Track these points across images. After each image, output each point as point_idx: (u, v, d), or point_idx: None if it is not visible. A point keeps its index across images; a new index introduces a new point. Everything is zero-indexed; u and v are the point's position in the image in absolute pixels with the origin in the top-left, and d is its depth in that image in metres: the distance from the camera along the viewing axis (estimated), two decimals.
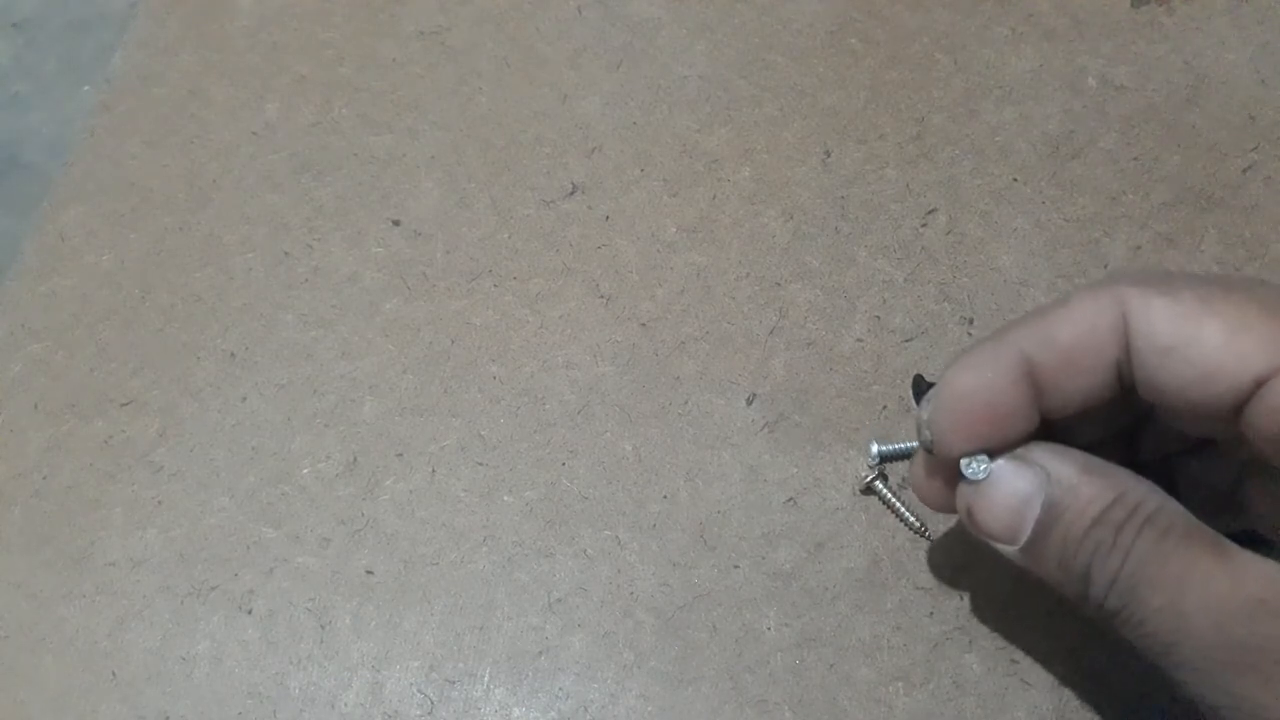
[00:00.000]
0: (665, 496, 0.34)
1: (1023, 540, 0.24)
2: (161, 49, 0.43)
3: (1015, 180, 0.38)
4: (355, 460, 0.35)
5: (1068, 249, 0.37)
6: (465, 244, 0.38)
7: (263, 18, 0.44)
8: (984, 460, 0.25)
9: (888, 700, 0.30)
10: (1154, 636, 0.22)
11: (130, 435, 0.35)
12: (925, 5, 0.42)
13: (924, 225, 0.38)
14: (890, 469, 0.33)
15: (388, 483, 0.34)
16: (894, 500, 0.33)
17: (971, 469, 0.25)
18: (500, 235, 0.38)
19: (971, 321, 0.36)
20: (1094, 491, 0.23)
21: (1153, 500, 0.23)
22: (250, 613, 0.32)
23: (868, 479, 0.33)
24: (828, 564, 0.32)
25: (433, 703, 0.31)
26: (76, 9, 0.46)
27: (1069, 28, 0.41)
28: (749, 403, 0.35)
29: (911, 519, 0.32)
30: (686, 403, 0.35)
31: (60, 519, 0.34)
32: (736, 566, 0.32)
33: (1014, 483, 0.24)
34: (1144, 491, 0.23)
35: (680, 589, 0.32)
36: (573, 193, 0.39)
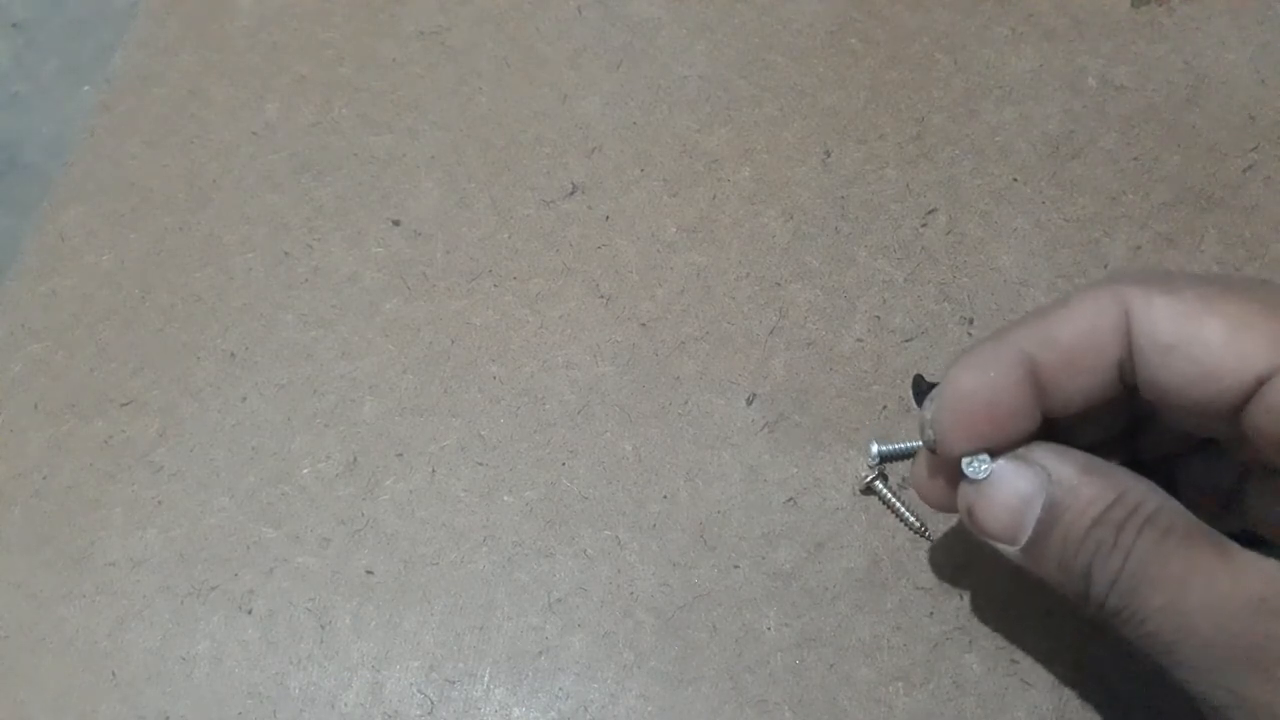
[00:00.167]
0: (665, 496, 0.34)
1: (1023, 540, 0.24)
2: (161, 49, 0.43)
3: (1015, 180, 0.38)
4: (355, 460, 0.35)
5: (1068, 249, 0.37)
6: (465, 244, 0.38)
7: (263, 18, 0.44)
8: (985, 460, 0.25)
9: (888, 700, 0.30)
10: (1155, 636, 0.22)
11: (130, 435, 0.35)
12: (925, 5, 0.42)
13: (924, 225, 0.38)
14: (890, 469, 0.33)
15: (388, 483, 0.34)
16: (894, 500, 0.33)
17: (973, 468, 0.25)
18: (500, 235, 0.38)
19: (971, 321, 0.36)
20: (1095, 491, 0.23)
21: (1153, 500, 0.23)
22: (250, 613, 0.32)
23: (868, 479, 0.33)
24: (828, 564, 0.32)
25: (433, 703, 0.31)
26: (76, 9, 0.46)
27: (1069, 28, 0.41)
28: (749, 403, 0.35)
29: (911, 519, 0.32)
30: (686, 403, 0.35)
31: (60, 519, 0.34)
32: (736, 566, 0.32)
33: (1015, 483, 0.24)
34: (1144, 491, 0.23)
35: (680, 589, 0.32)
36: (573, 193, 0.39)
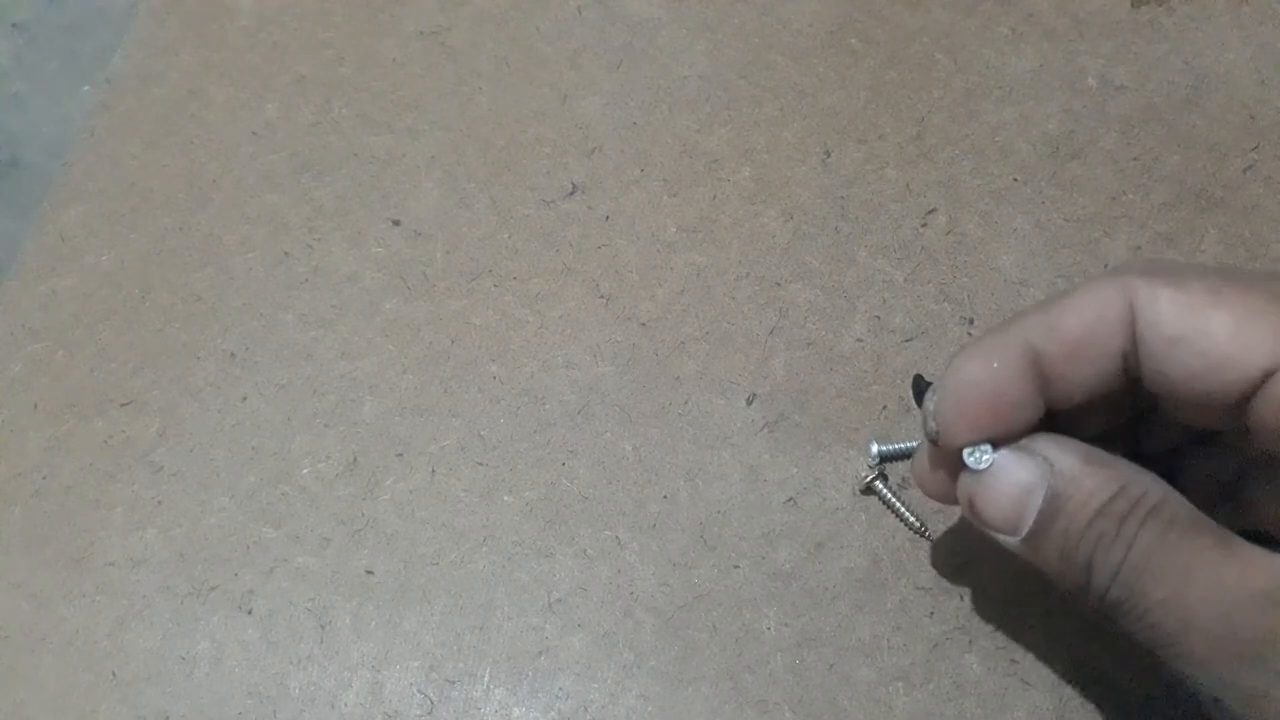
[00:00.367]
0: (665, 496, 0.34)
1: (1024, 531, 0.24)
2: (161, 49, 0.43)
3: (1015, 180, 0.38)
4: (355, 460, 0.35)
5: (1068, 249, 0.37)
6: (465, 244, 0.38)
7: (263, 18, 0.44)
8: (987, 450, 0.25)
9: (888, 700, 0.30)
10: (1158, 629, 0.22)
11: (130, 435, 0.35)
12: (925, 5, 0.42)
13: (924, 225, 0.38)
14: (890, 469, 0.33)
15: (388, 483, 0.34)
16: (894, 500, 0.33)
17: (974, 458, 0.25)
18: (500, 235, 0.38)
19: (971, 321, 0.36)
20: (1097, 483, 0.23)
21: (1156, 492, 0.23)
22: (250, 613, 0.32)
23: (868, 479, 0.33)
24: (828, 564, 0.32)
25: (433, 703, 0.31)
26: (76, 9, 0.46)
27: (1069, 28, 0.41)
28: (749, 403, 0.35)
29: (911, 519, 0.32)
30: (686, 403, 0.35)
31: (60, 519, 0.34)
32: (736, 566, 0.32)
33: (1016, 473, 0.24)
34: (1147, 483, 0.23)
35: (680, 589, 0.32)
36: (573, 193, 0.39)
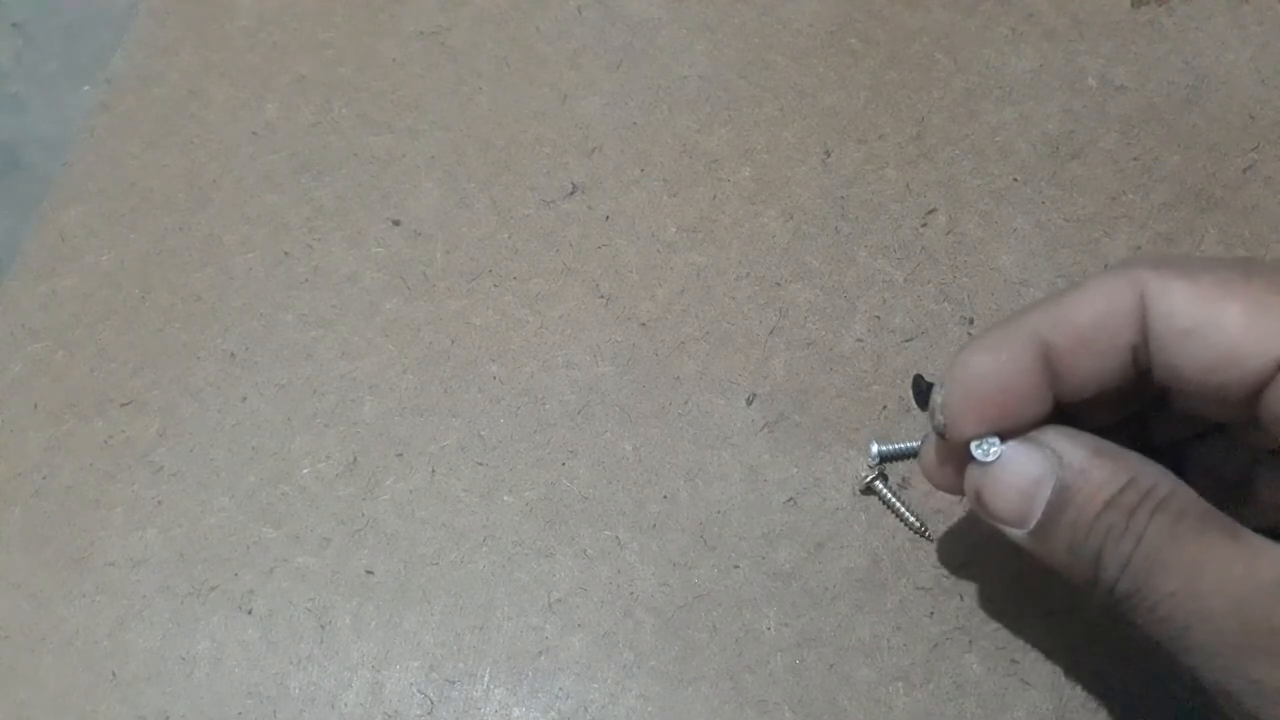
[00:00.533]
0: (665, 496, 0.34)
1: (1032, 523, 0.24)
2: (161, 49, 0.43)
3: (1015, 180, 0.38)
4: (355, 460, 0.35)
5: (1068, 249, 0.37)
6: (465, 244, 0.38)
7: (263, 18, 0.44)
8: (994, 442, 0.25)
9: (888, 700, 0.30)
10: (1168, 621, 0.22)
11: (130, 435, 0.35)
12: (925, 5, 0.42)
13: (924, 225, 0.38)
14: (890, 469, 0.33)
15: (388, 483, 0.34)
16: (894, 500, 0.33)
17: (981, 450, 0.25)
18: (500, 235, 0.38)
19: (971, 321, 0.36)
20: (1106, 475, 0.23)
21: (1166, 484, 0.23)
22: (250, 613, 0.32)
23: (868, 479, 0.33)
24: (828, 564, 0.32)
25: (433, 703, 0.31)
26: (76, 9, 0.46)
27: (1069, 28, 0.41)
28: (749, 403, 0.35)
29: (911, 519, 0.32)
30: (686, 403, 0.35)
31: (60, 519, 0.34)
32: (736, 566, 0.32)
33: (1024, 465, 0.24)
34: (1157, 475, 0.23)
35: (680, 589, 0.32)
36: (573, 193, 0.39)
